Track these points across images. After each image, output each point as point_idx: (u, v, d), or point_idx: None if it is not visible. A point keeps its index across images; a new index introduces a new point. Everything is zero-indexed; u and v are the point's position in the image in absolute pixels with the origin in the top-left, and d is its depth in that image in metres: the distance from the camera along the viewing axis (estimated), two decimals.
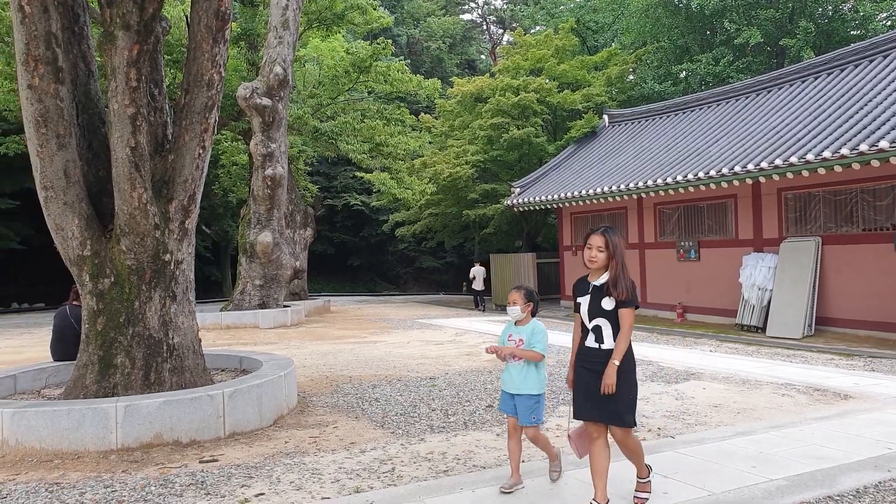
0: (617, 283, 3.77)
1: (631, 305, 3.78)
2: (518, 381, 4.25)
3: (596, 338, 3.85)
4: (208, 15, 6.16)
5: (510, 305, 4.32)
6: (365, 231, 37.88)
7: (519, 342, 4.27)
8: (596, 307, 3.83)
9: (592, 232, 3.89)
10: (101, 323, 6.31)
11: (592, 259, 3.84)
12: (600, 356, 3.82)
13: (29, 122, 6.03)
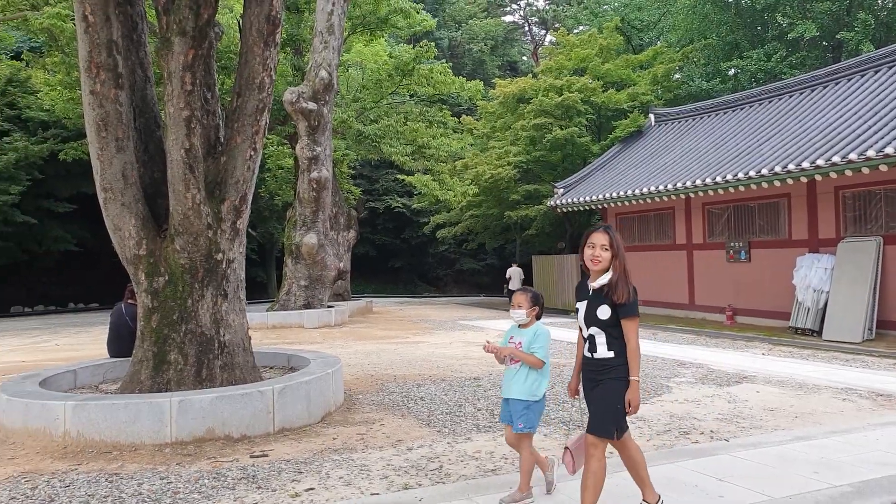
0: (618, 285, 3.52)
1: (632, 314, 3.52)
2: (513, 385, 4.09)
3: (589, 346, 3.63)
4: (259, 20, 6.29)
5: (515, 308, 4.16)
6: (406, 233, 38.12)
7: (518, 345, 4.09)
8: (591, 315, 3.59)
9: (594, 230, 3.65)
10: (155, 320, 6.50)
11: (596, 258, 3.57)
12: (592, 365, 3.61)
13: (90, 127, 6.26)
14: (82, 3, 5.99)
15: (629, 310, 3.51)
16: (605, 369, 3.56)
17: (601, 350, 3.56)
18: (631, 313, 3.51)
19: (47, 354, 12.60)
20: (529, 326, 4.14)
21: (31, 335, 16.91)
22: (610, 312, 3.52)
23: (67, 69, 20.53)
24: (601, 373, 3.57)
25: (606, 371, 3.56)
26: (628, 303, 3.50)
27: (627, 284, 3.52)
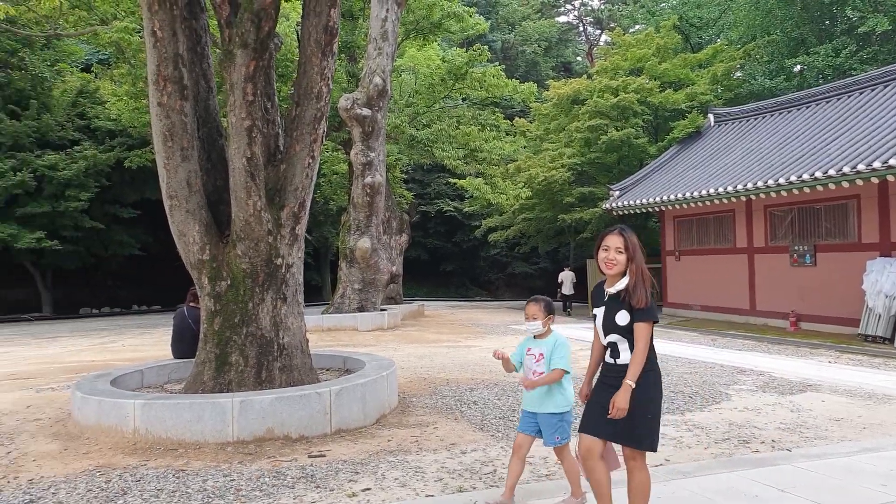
0: (636, 289, 3.38)
1: (648, 319, 3.37)
2: (539, 398, 4.00)
3: (611, 352, 3.51)
4: (318, 30, 6.46)
5: (530, 320, 4.04)
6: (457, 237, 38.23)
7: (539, 356, 4.01)
8: (610, 322, 3.46)
9: (608, 231, 3.53)
10: (217, 323, 6.73)
11: (611, 262, 3.45)
12: (616, 371, 3.46)
13: (157, 137, 6.55)
14: (151, 19, 6.28)
15: (646, 314, 3.38)
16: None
17: (624, 356, 3.45)
18: (646, 317, 3.38)
19: (114, 354, 13.17)
20: (547, 336, 4.07)
21: (99, 336, 17.71)
22: (629, 318, 3.41)
23: (133, 80, 21.43)
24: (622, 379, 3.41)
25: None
26: (647, 307, 3.37)
27: (646, 288, 3.40)
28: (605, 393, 3.47)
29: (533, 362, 4.06)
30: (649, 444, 3.42)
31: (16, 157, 24.82)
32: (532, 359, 4.06)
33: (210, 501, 4.30)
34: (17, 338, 17.88)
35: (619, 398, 3.31)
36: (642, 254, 3.49)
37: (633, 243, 3.45)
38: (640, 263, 3.44)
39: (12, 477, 4.91)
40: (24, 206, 24.70)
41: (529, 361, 4.08)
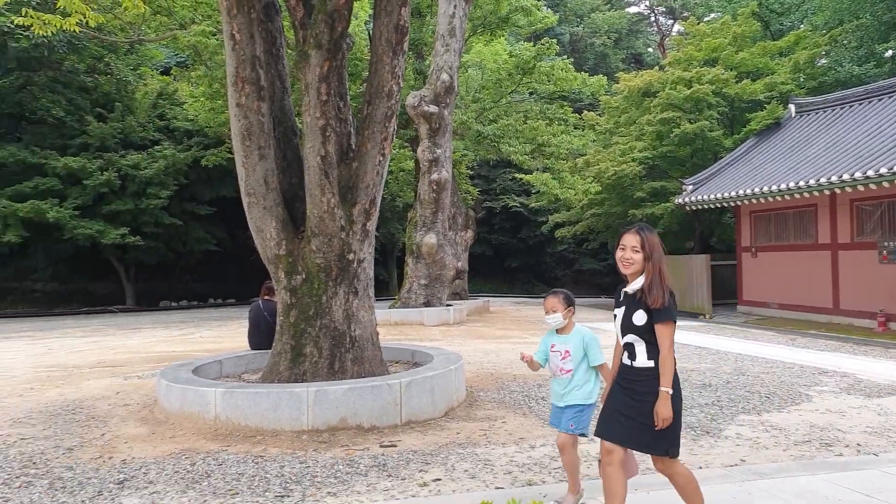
0: (652, 288, 3.32)
1: (667, 319, 3.29)
2: (571, 394, 3.95)
3: (628, 354, 3.44)
4: (388, 29, 6.58)
5: (550, 313, 3.97)
6: (523, 232, 38.00)
7: (565, 353, 3.93)
8: (627, 321, 3.41)
9: (626, 230, 3.49)
10: (293, 315, 6.97)
11: (627, 261, 3.41)
12: (632, 374, 3.40)
13: (236, 137, 6.82)
14: (230, 22, 6.55)
15: (664, 314, 3.30)
16: (645, 379, 3.36)
17: (641, 359, 3.38)
18: (665, 318, 3.30)
19: (193, 345, 13.79)
20: (570, 331, 3.99)
21: (178, 328, 18.55)
22: (646, 318, 3.34)
23: (210, 81, 22.30)
24: (641, 383, 3.37)
25: (648, 382, 3.35)
26: (664, 307, 3.30)
27: (663, 288, 3.32)
28: (621, 397, 3.42)
29: (559, 359, 3.98)
30: (672, 450, 3.37)
31: (102, 158, 26.25)
32: (558, 356, 3.98)
33: (288, 486, 4.48)
34: (103, 328, 18.97)
35: (661, 408, 3.25)
36: (661, 253, 3.41)
37: (651, 242, 3.39)
38: (658, 263, 3.37)
39: (107, 457, 5.25)
40: (110, 203, 26.10)
41: (555, 358, 4.00)
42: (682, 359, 10.31)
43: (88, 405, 7.29)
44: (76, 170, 25.27)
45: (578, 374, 3.93)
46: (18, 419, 6.73)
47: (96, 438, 5.85)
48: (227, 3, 6.44)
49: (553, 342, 4.01)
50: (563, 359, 3.95)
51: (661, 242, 3.45)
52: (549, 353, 4.03)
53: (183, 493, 4.39)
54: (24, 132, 28.17)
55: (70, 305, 29.97)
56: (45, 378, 9.54)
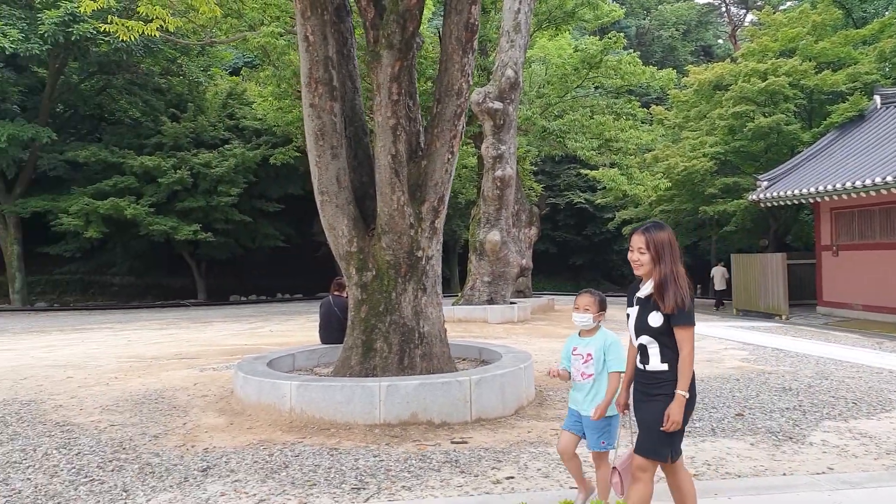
0: (663, 291, 3.15)
1: (687, 322, 3.13)
2: (585, 401, 3.72)
3: (641, 357, 3.29)
4: (459, 28, 6.59)
5: (580, 312, 3.71)
6: (588, 229, 37.46)
7: (587, 357, 3.69)
8: (642, 322, 3.25)
9: (634, 230, 3.36)
10: (364, 311, 7.08)
11: (636, 263, 3.30)
12: (645, 378, 3.26)
13: (309, 136, 6.96)
14: (304, 24, 6.68)
15: (683, 318, 3.13)
16: (658, 383, 3.22)
17: (654, 362, 3.23)
18: (684, 322, 3.13)
19: (263, 339, 14.19)
20: (594, 334, 3.74)
21: (249, 322, 19.12)
22: (662, 320, 3.18)
23: (278, 81, 22.85)
24: (654, 386, 3.23)
25: (660, 385, 3.21)
26: (682, 311, 3.12)
27: (677, 291, 3.14)
28: (638, 404, 3.31)
29: (581, 363, 3.75)
30: (666, 454, 3.22)
31: (176, 156, 27.32)
32: (580, 359, 3.75)
33: (363, 479, 4.55)
34: (178, 321, 19.75)
35: (674, 411, 3.11)
36: (675, 252, 3.23)
37: (658, 242, 3.22)
38: (671, 263, 3.19)
39: (190, 445, 5.47)
40: (183, 200, 27.15)
41: (577, 362, 3.77)
42: (758, 360, 9.96)
43: (169, 395, 7.61)
44: (152, 168, 26.39)
45: (601, 381, 3.68)
46: (107, 406, 7.09)
47: (178, 427, 6.10)
48: (301, 6, 6.58)
49: (575, 345, 3.80)
50: (584, 363, 3.73)
51: (673, 241, 3.27)
52: (570, 357, 3.80)
53: (263, 482, 4.52)
54: (103, 133, 29.64)
55: (145, 299, 31.38)
56: (127, 368, 10.01)
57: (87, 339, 14.76)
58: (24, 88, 29.33)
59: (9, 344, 14.17)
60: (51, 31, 22.04)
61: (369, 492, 4.33)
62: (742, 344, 12.19)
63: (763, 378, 8.16)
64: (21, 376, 9.37)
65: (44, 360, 11.20)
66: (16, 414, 6.83)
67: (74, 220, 25.08)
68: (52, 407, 7.16)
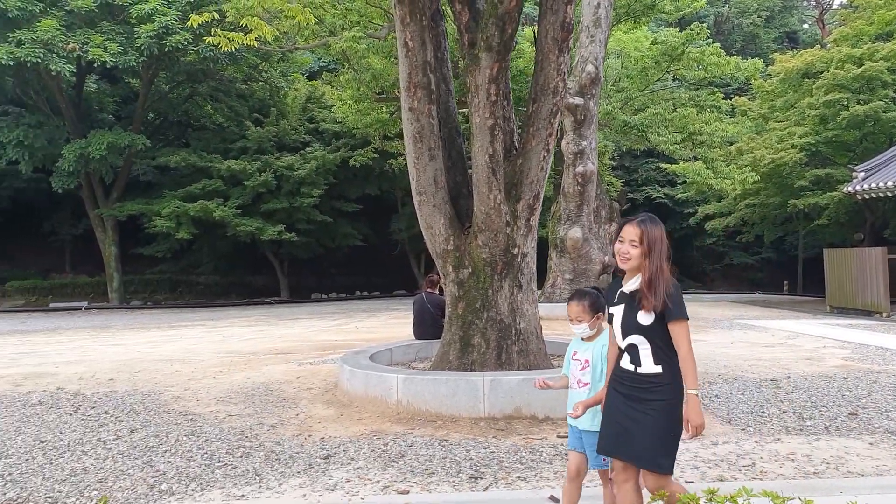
0: (651, 287, 2.94)
1: (682, 316, 2.94)
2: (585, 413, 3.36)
3: (631, 358, 3.05)
4: (554, 27, 6.66)
5: (575, 324, 3.43)
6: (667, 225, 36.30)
7: (585, 364, 3.42)
8: (630, 320, 3.03)
9: (627, 221, 3.10)
10: (461, 307, 7.25)
11: (624, 255, 3.03)
12: (637, 381, 3.03)
13: (408, 139, 7.19)
14: (403, 31, 6.91)
15: (677, 311, 2.94)
16: (653, 387, 2.99)
17: (647, 364, 3.00)
18: (680, 315, 2.94)
19: (351, 335, 14.64)
20: (596, 337, 3.46)
21: (333, 318, 19.73)
22: (653, 317, 2.97)
23: (357, 85, 23.39)
24: (648, 391, 2.99)
25: (655, 389, 2.99)
26: (675, 304, 2.94)
27: (665, 286, 2.95)
28: (623, 407, 3.05)
29: (577, 370, 3.47)
30: (668, 464, 3.02)
31: (260, 160, 28.42)
32: (577, 365, 3.47)
33: (479, 469, 4.72)
34: (265, 318, 20.58)
35: (693, 414, 2.92)
36: (664, 248, 3.03)
37: (653, 236, 2.99)
38: (659, 259, 2.98)
39: (307, 434, 5.78)
40: (267, 202, 28.22)
41: (574, 369, 3.51)
42: (863, 359, 9.59)
43: (276, 388, 8.02)
44: (238, 172, 27.55)
45: (598, 390, 3.37)
46: (220, 398, 7.55)
47: (292, 418, 6.44)
48: (401, 13, 6.80)
49: (575, 349, 3.54)
50: (581, 369, 3.45)
51: (665, 238, 3.06)
52: (570, 363, 3.55)
53: (383, 469, 4.76)
54: (190, 138, 31.16)
55: (229, 297, 32.80)
56: (228, 363, 10.57)
57: (184, 336, 15.61)
58: (118, 98, 31.24)
59: (115, 339, 15.18)
60: (146, 44, 23.34)
61: (486, 481, 4.48)
62: (842, 342, 11.73)
63: (872, 377, 7.87)
64: (135, 370, 10.05)
65: (150, 354, 11.96)
66: (141, 403, 7.37)
67: (167, 222, 26.48)
68: (171, 398, 7.68)
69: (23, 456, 5.41)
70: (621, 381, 3.10)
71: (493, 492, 4.29)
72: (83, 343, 14.43)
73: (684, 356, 2.95)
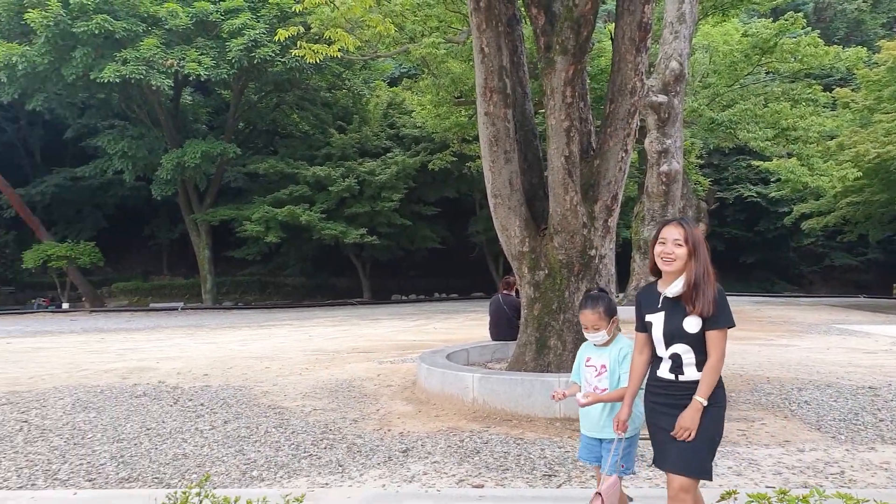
0: (697, 289, 2.85)
1: (724, 325, 2.85)
2: (602, 420, 3.29)
3: (672, 366, 2.94)
4: (632, 28, 6.62)
5: (591, 332, 3.32)
6: (760, 225, 34.95)
7: (601, 369, 3.30)
8: (675, 328, 2.91)
9: (665, 222, 3.02)
10: (537, 309, 7.30)
11: (668, 256, 2.92)
12: (678, 389, 2.93)
13: (484, 143, 7.30)
14: (479, 37, 7.03)
15: (724, 319, 2.87)
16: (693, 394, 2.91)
17: (689, 372, 2.92)
18: (725, 323, 2.87)
19: (430, 335, 14.90)
20: (610, 342, 3.35)
21: (412, 319, 20.10)
22: (700, 324, 2.88)
23: (436, 90, 23.73)
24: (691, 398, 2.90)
25: None
26: (723, 311, 2.86)
27: (710, 292, 2.85)
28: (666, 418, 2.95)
29: (593, 376, 3.37)
30: (709, 471, 2.92)
31: (343, 166, 29.30)
32: (592, 371, 3.37)
33: (553, 468, 4.77)
34: (348, 319, 21.21)
35: (687, 418, 2.85)
36: (707, 251, 2.97)
37: (697, 236, 2.94)
38: (705, 261, 2.90)
39: (386, 429, 5.99)
40: (350, 207, 29.05)
41: (589, 375, 3.39)
42: None
43: (358, 384, 8.31)
44: (323, 178, 28.51)
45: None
46: (306, 393, 7.90)
47: (372, 413, 6.68)
48: (477, 20, 6.93)
49: (589, 355, 3.43)
50: (597, 375, 3.34)
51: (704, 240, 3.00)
52: (582, 368, 3.44)
53: (459, 464, 4.89)
54: (278, 145, 32.49)
55: (314, 298, 33.94)
56: (314, 360, 11.01)
57: (272, 335, 16.34)
58: (211, 109, 33.00)
59: (209, 338, 16.06)
60: (237, 57, 24.57)
61: (560, 479, 4.53)
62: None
63: None
64: (227, 366, 10.64)
65: (241, 352, 12.61)
66: (233, 397, 7.82)
67: (256, 227, 27.72)
68: (261, 392, 8.10)
69: (132, 441, 5.89)
70: (660, 391, 3.01)
71: (566, 489, 4.33)
72: (180, 341, 15.37)
73: (714, 364, 2.88)
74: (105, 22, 23.16)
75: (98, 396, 8.07)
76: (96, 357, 12.43)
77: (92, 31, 23.14)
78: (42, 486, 4.84)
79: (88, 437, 6.11)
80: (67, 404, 7.64)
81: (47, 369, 10.69)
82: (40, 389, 8.74)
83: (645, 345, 3.07)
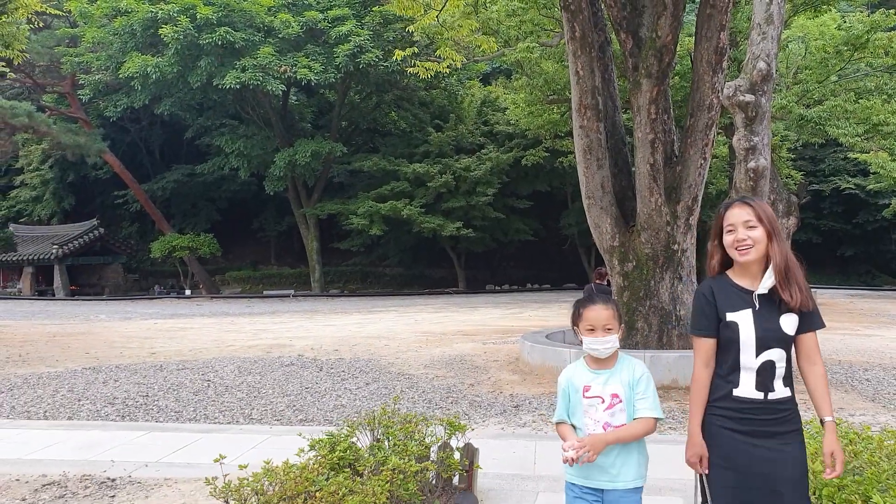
0: (788, 276, 2.29)
1: (820, 326, 2.35)
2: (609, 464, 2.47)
3: (760, 381, 2.29)
4: (709, 52, 7.64)
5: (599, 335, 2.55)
6: (859, 217, 33.80)
7: (613, 399, 2.49)
8: (772, 330, 2.30)
9: (726, 206, 2.42)
10: (626, 296, 8.44)
11: (743, 244, 2.32)
12: (766, 412, 2.29)
13: (579, 151, 8.49)
14: (575, 62, 8.22)
15: (817, 320, 2.34)
16: (786, 415, 2.34)
17: (778, 387, 2.31)
18: (820, 322, 2.35)
19: (524, 322, 16.15)
20: (613, 363, 2.59)
21: (507, 308, 21.38)
22: (797, 322, 2.31)
23: (530, 89, 24.78)
24: (780, 423, 2.32)
25: (788, 419, 2.34)
26: (815, 307, 2.32)
27: (801, 279, 2.31)
28: (752, 449, 2.28)
29: (602, 410, 2.50)
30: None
31: (441, 163, 30.87)
32: (597, 404, 2.50)
33: None
34: (447, 306, 22.75)
35: (836, 445, 2.28)
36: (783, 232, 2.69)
37: (770, 215, 2.32)
38: (784, 243, 2.34)
39: (498, 392, 7.35)
40: (447, 201, 30.59)
41: (593, 410, 2.51)
42: None
43: (469, 359, 9.73)
44: (422, 174, 30.20)
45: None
46: (426, 364, 9.39)
47: (485, 380, 8.06)
48: (573, 47, 8.12)
49: (587, 383, 2.55)
50: (607, 408, 2.49)
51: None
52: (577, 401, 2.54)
53: None
54: (378, 144, 34.51)
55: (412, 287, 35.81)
56: (424, 340, 12.54)
57: (382, 319, 18.09)
58: (315, 109, 35.44)
59: (327, 321, 18.00)
60: (343, 62, 26.58)
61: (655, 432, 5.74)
62: None
63: None
64: (351, 343, 12.34)
65: (359, 333, 14.34)
66: (367, 366, 9.41)
67: (361, 220, 29.79)
68: (387, 363, 9.66)
69: (297, 396, 7.54)
70: (741, 415, 2.32)
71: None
72: (301, 323, 17.37)
73: (823, 374, 2.38)
74: (227, 34, 25.70)
75: (255, 365, 9.88)
76: (236, 335, 14.52)
77: (215, 42, 25.75)
78: (243, 422, 6.51)
79: (263, 392, 7.82)
80: (234, 370, 9.45)
81: (199, 345, 12.76)
82: (205, 359, 10.69)
83: (712, 356, 2.43)
